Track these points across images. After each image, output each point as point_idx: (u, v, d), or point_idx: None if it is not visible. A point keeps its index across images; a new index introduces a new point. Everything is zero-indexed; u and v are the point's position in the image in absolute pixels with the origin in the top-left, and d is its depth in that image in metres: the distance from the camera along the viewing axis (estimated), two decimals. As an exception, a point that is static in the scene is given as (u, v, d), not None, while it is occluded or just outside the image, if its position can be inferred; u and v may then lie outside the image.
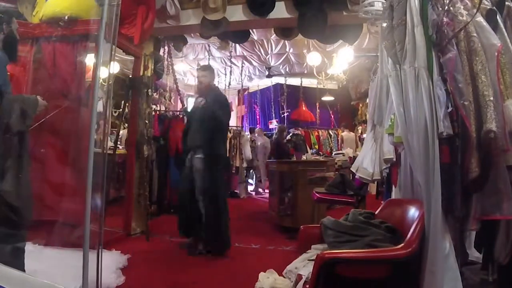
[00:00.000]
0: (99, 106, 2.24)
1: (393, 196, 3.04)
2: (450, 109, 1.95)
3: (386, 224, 2.15)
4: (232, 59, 7.09)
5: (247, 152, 8.04)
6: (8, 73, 3.91)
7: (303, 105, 9.02)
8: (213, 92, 3.89)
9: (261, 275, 2.78)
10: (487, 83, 1.89)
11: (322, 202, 4.16)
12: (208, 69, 4.03)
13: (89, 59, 3.65)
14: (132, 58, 4.53)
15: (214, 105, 3.68)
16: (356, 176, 3.32)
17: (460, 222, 2.01)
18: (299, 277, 2.14)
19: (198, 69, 4.19)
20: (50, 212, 3.50)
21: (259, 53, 6.71)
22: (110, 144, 5.91)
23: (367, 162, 3.15)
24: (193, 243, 3.74)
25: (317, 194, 3.82)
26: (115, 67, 3.20)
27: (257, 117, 10.29)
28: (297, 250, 2.65)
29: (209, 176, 3.62)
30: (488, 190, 1.90)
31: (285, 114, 9.11)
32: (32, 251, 3.01)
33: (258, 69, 7.96)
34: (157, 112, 6.02)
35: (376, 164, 3.08)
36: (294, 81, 8.87)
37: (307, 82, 8.87)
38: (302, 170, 4.75)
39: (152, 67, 4.58)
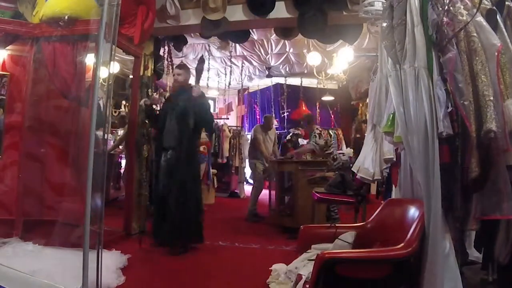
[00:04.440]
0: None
1: (393, 196, 3.04)
2: (450, 109, 1.95)
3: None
4: (232, 59, 7.07)
5: (247, 152, 8.04)
6: (9, 73, 3.93)
7: (303, 105, 9.00)
8: (189, 91, 3.86)
9: (274, 266, 2.90)
10: (487, 83, 1.89)
11: (322, 202, 4.16)
12: (183, 67, 4.02)
13: (89, 59, 3.65)
14: (132, 58, 4.53)
15: (189, 104, 3.69)
16: (357, 176, 3.32)
17: (460, 222, 2.01)
18: (299, 277, 2.15)
19: (175, 67, 4.19)
20: (50, 212, 3.51)
21: (259, 53, 6.69)
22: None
23: (368, 163, 3.15)
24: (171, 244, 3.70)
25: (317, 194, 3.82)
26: (115, 67, 3.21)
27: (257, 117, 10.27)
28: (297, 250, 2.66)
29: (184, 173, 3.67)
30: (488, 190, 1.90)
31: (285, 114, 9.10)
32: (32, 251, 3.02)
33: (258, 69, 7.95)
34: (157, 112, 6.00)
35: (376, 164, 3.08)
36: (294, 81, 8.84)
37: (307, 82, 8.85)
38: (302, 170, 4.75)
39: (152, 67, 4.58)
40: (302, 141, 7.66)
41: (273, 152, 6.05)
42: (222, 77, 8.23)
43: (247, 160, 8.21)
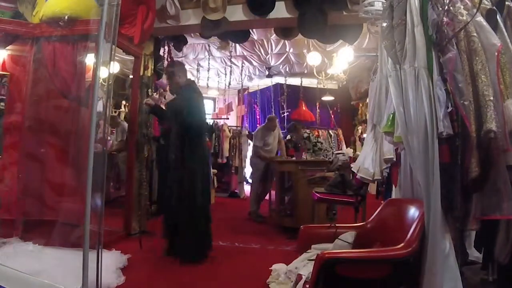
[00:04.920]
0: (99, 106, 2.24)
1: (393, 196, 3.04)
2: (450, 109, 1.95)
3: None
4: (232, 59, 7.08)
5: (247, 152, 8.04)
6: (9, 73, 3.93)
7: (303, 105, 9.00)
8: (181, 90, 3.62)
9: (274, 266, 2.89)
10: (487, 83, 1.89)
11: (322, 202, 4.16)
12: (167, 69, 3.81)
13: (89, 59, 3.65)
14: (132, 58, 4.53)
15: (179, 106, 3.46)
16: (357, 176, 3.32)
17: (460, 222, 2.00)
18: (299, 277, 2.15)
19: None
20: (50, 212, 3.51)
21: (259, 53, 6.70)
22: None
23: (368, 163, 3.15)
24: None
25: (317, 194, 3.82)
26: (115, 67, 3.21)
27: (257, 117, 10.27)
28: (297, 250, 2.66)
29: (186, 180, 3.41)
30: (488, 190, 1.90)
31: (285, 114, 9.10)
32: (32, 251, 3.02)
33: (258, 69, 7.95)
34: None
35: (376, 164, 3.09)
36: (294, 81, 8.84)
37: (307, 82, 8.85)
38: (302, 170, 4.75)
39: (152, 67, 4.58)
40: None
41: (280, 150, 6.05)
42: (222, 77, 8.23)
43: (247, 160, 8.22)
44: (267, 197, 5.75)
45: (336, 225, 2.52)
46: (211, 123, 7.93)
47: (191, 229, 3.42)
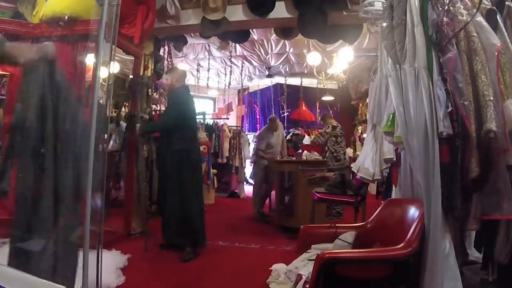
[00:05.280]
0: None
1: (393, 196, 3.04)
2: (450, 109, 1.95)
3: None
4: (232, 59, 7.08)
5: (247, 152, 8.04)
6: (9, 73, 3.93)
7: (303, 105, 9.00)
8: (171, 93, 3.88)
9: (274, 266, 2.91)
10: (487, 83, 1.89)
11: (322, 202, 4.16)
12: (169, 71, 4.09)
13: (89, 59, 3.65)
14: (132, 58, 4.53)
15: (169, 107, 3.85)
16: (357, 176, 3.32)
17: (460, 222, 2.01)
18: (299, 277, 2.15)
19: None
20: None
21: (259, 53, 6.70)
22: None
23: (368, 163, 3.15)
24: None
25: (317, 194, 3.82)
26: (115, 67, 3.21)
27: (257, 117, 10.27)
28: (297, 250, 2.66)
29: (177, 174, 3.62)
30: (488, 190, 1.90)
31: (285, 114, 9.10)
32: (32, 251, 3.01)
33: (258, 69, 7.95)
34: (157, 112, 6.01)
35: (376, 164, 3.09)
36: (294, 81, 8.85)
37: (307, 82, 8.85)
38: (302, 170, 4.75)
39: (152, 67, 4.58)
40: (306, 141, 7.67)
41: (282, 149, 6.07)
42: (222, 77, 8.24)
43: (247, 160, 8.22)
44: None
45: (336, 225, 2.53)
46: (211, 123, 7.96)
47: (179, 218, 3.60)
